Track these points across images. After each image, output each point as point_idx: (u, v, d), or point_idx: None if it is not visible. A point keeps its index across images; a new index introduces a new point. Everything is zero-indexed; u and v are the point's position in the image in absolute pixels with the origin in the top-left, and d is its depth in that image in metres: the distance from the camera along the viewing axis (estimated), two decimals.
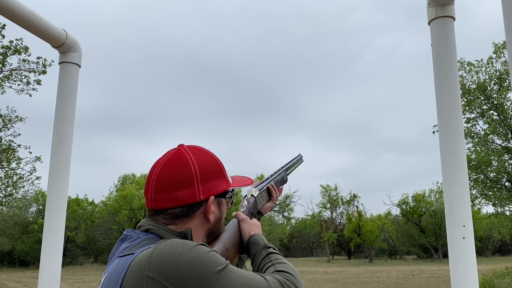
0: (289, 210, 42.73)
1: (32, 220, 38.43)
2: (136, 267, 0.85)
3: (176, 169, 1.01)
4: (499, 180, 17.29)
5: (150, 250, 0.87)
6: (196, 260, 0.84)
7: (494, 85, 15.85)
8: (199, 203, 1.02)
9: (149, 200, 1.03)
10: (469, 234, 1.73)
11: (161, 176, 1.01)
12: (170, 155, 1.05)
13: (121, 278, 0.86)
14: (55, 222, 2.41)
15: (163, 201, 1.00)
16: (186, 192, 1.00)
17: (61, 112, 2.40)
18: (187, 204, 1.01)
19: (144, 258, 0.85)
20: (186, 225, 1.02)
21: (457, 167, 1.79)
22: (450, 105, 1.86)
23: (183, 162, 1.02)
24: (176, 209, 1.00)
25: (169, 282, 0.82)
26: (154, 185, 1.01)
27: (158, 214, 1.02)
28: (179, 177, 1.00)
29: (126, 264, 0.88)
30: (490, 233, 45.35)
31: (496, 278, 16.88)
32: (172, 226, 1.01)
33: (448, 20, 1.92)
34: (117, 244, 1.03)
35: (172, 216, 1.01)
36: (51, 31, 2.19)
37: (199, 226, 1.04)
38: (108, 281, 0.91)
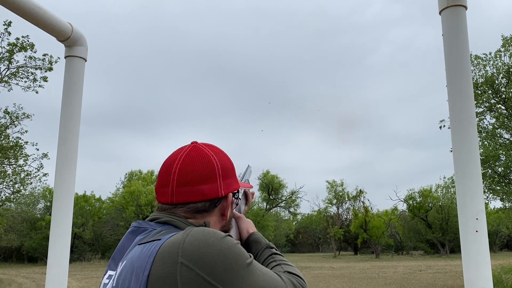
0: (295, 206, 42.75)
1: (40, 216, 38.73)
2: (167, 253, 0.83)
3: (199, 163, 1.01)
4: (507, 174, 17.15)
5: (180, 236, 0.85)
6: (228, 252, 0.84)
7: (502, 78, 15.69)
8: (220, 199, 1.02)
9: (169, 194, 1.00)
10: (482, 227, 1.70)
11: (183, 169, 1.00)
12: (188, 150, 1.03)
13: (149, 263, 0.83)
14: (62, 218, 2.40)
15: (186, 195, 0.99)
16: (210, 186, 0.99)
17: (67, 107, 2.39)
18: (209, 198, 1.00)
19: (176, 244, 0.83)
20: (205, 219, 1.01)
21: (469, 159, 1.76)
22: (462, 96, 1.82)
23: (205, 157, 1.02)
24: (198, 203, 0.99)
25: (203, 271, 0.81)
26: (177, 178, 0.99)
27: (178, 208, 1.00)
28: (203, 171, 1.00)
29: (153, 250, 0.85)
30: (498, 228, 45.09)
31: (505, 273, 16.79)
32: (191, 220, 1.00)
33: (460, 9, 1.88)
34: (127, 237, 1.00)
35: (193, 210, 1.00)
36: (57, 25, 2.17)
37: (216, 222, 1.03)
38: (130, 267, 0.87)
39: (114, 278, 0.93)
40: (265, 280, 0.88)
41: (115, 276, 0.93)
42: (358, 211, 47.02)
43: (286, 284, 0.92)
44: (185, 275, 0.80)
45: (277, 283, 0.91)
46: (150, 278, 0.82)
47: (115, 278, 0.93)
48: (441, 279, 19.12)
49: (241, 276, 0.84)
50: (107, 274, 1.00)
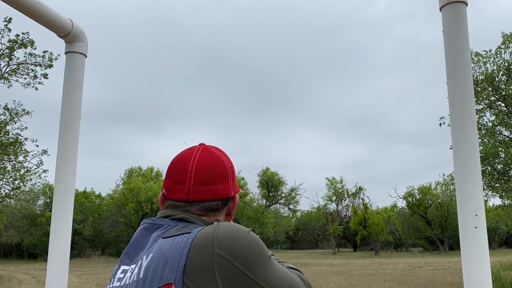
0: (294, 202, 42.82)
1: (39, 213, 38.77)
2: (203, 244, 0.88)
3: (214, 163, 1.06)
4: (506, 172, 17.16)
5: (210, 229, 0.91)
6: (255, 244, 0.91)
7: (503, 76, 15.67)
8: (229, 199, 1.08)
9: (185, 191, 1.04)
10: (481, 224, 1.71)
11: (201, 169, 1.05)
12: (201, 150, 1.09)
13: (185, 254, 0.88)
14: (63, 214, 2.40)
15: (203, 193, 1.04)
16: (223, 186, 1.06)
17: (68, 103, 2.38)
18: (222, 198, 1.06)
19: (210, 236, 0.89)
20: (216, 218, 1.06)
21: (469, 155, 1.76)
22: (462, 93, 1.82)
23: (218, 158, 1.08)
24: (213, 202, 1.05)
25: (237, 261, 0.88)
26: (194, 177, 1.04)
27: (193, 206, 1.04)
28: (217, 172, 1.06)
29: (186, 242, 0.89)
30: (497, 225, 45.18)
31: (503, 270, 16.84)
32: (204, 218, 1.04)
33: (460, 6, 1.88)
34: (141, 233, 1.03)
35: (207, 208, 1.05)
36: (57, 20, 2.17)
37: (222, 221, 1.07)
38: (162, 259, 0.90)
39: (139, 272, 0.94)
40: (282, 271, 0.96)
41: (140, 270, 0.95)
42: (358, 208, 47.08)
43: (295, 275, 0.99)
44: (221, 265, 0.86)
45: (290, 274, 0.98)
46: (187, 267, 0.87)
47: (141, 272, 0.94)
48: (440, 275, 19.17)
49: (267, 266, 0.91)
50: (121, 269, 1.01)
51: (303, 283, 1.00)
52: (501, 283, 14.19)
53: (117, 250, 39.73)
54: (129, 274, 0.97)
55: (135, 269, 0.96)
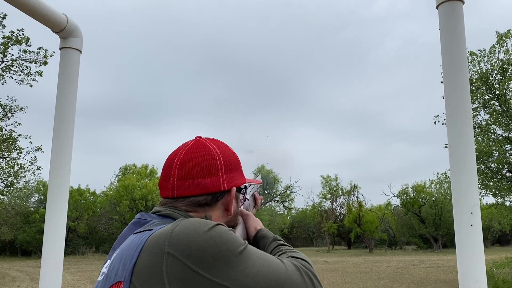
0: (289, 200, 42.88)
1: (33, 210, 38.58)
2: (154, 242, 0.82)
3: (200, 156, 1.00)
4: (500, 170, 17.27)
5: (169, 226, 0.84)
6: (218, 239, 0.82)
7: (496, 75, 15.76)
8: (223, 193, 1.01)
9: (170, 188, 1.00)
10: (476, 221, 1.71)
11: (184, 163, 0.99)
12: (191, 144, 1.02)
13: (137, 252, 0.83)
14: (57, 211, 2.39)
15: (187, 188, 0.98)
16: (211, 180, 0.98)
17: (62, 99, 2.37)
18: (211, 192, 0.99)
19: (164, 234, 0.82)
20: (207, 213, 1.00)
21: (465, 153, 1.77)
22: (459, 91, 1.83)
23: (207, 150, 1.01)
24: (200, 197, 0.98)
25: (191, 261, 0.79)
26: (177, 172, 0.99)
27: (179, 201, 1.00)
28: (204, 164, 0.98)
29: (142, 239, 0.84)
30: (490, 223, 45.49)
31: (496, 268, 16.97)
32: (192, 213, 0.99)
33: (457, 4, 1.88)
34: (129, 227, 1.00)
35: (194, 203, 0.99)
36: (52, 16, 2.15)
37: (219, 217, 1.02)
38: (121, 256, 0.87)
39: (108, 268, 0.93)
40: (262, 264, 0.85)
41: (110, 264, 0.93)
42: (352, 205, 47.24)
43: (286, 266, 0.88)
44: (171, 265, 0.79)
45: (275, 266, 0.87)
46: (136, 266, 0.81)
47: (108, 267, 0.93)
48: (433, 273, 19.28)
49: (233, 263, 0.81)
50: (107, 263, 0.99)
51: (298, 272, 0.88)
52: (494, 280, 14.29)
53: (111, 247, 39.63)
54: (105, 269, 0.96)
55: (109, 262, 0.96)
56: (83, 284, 16.25)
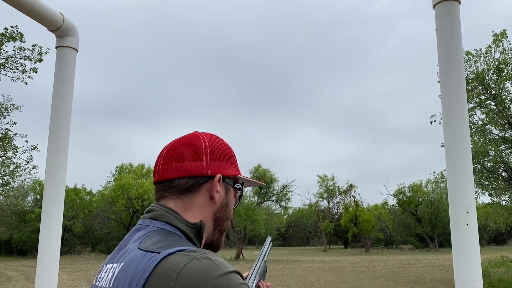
0: (286, 199, 42.84)
1: (29, 209, 38.43)
2: (162, 275, 0.81)
3: (186, 144, 1.03)
4: (496, 170, 17.34)
5: (181, 260, 0.83)
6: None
7: (493, 75, 15.81)
8: (205, 178, 1.01)
9: (156, 173, 1.03)
10: (472, 221, 1.72)
11: (170, 149, 1.03)
12: (184, 135, 1.07)
13: (144, 279, 0.83)
14: (53, 210, 2.38)
15: (169, 171, 1.00)
16: (194, 164, 1.00)
17: (59, 98, 2.36)
18: (193, 175, 1.00)
19: (174, 268, 0.82)
20: (193, 203, 1.00)
21: (461, 153, 1.77)
22: (455, 91, 1.83)
23: (194, 139, 1.04)
24: (182, 179, 1.00)
25: None
26: (163, 157, 1.03)
27: (165, 189, 1.01)
28: (188, 150, 1.02)
29: (150, 265, 0.83)
30: (486, 223, 45.68)
31: (492, 267, 17.05)
32: (184, 212, 0.99)
33: (453, 4, 1.89)
34: (131, 233, 1.00)
35: (179, 190, 1.00)
36: (48, 14, 2.14)
37: (204, 205, 1.02)
38: (126, 275, 0.86)
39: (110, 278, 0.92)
40: None
41: (112, 276, 0.92)
42: (349, 205, 47.34)
43: None
44: None
45: None
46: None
47: (112, 279, 0.91)
48: (430, 272, 19.35)
49: None
50: (106, 267, 0.98)
51: None
52: (489, 280, 14.36)
53: (108, 246, 39.54)
54: (105, 275, 0.95)
55: (109, 271, 0.94)
56: (79, 283, 16.21)
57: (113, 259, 0.97)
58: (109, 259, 1.00)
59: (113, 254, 1.00)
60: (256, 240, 61.51)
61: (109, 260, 0.99)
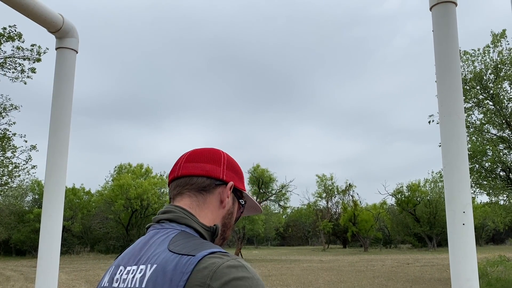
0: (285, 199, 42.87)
1: (28, 209, 38.36)
2: (201, 275, 0.89)
3: (208, 151, 1.15)
4: (493, 169, 17.39)
5: (216, 261, 0.91)
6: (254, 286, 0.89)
7: (490, 74, 15.85)
8: (220, 181, 1.11)
9: (176, 170, 1.12)
10: (469, 221, 1.74)
11: (193, 153, 1.15)
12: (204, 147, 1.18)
13: (184, 280, 0.89)
14: (53, 211, 2.39)
15: (190, 168, 1.10)
16: (212, 166, 1.11)
17: (58, 99, 2.37)
18: (211, 176, 1.10)
19: (210, 268, 0.90)
20: (207, 203, 1.09)
21: (457, 153, 1.79)
22: (451, 91, 1.85)
23: (215, 150, 1.17)
24: (200, 178, 1.09)
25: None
26: (186, 158, 1.13)
27: (183, 186, 1.10)
28: (209, 155, 1.13)
29: (189, 267, 0.90)
30: (484, 222, 45.78)
31: (490, 266, 17.08)
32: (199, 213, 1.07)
33: (449, 6, 1.90)
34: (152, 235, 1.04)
35: (196, 187, 1.09)
36: (48, 16, 2.15)
37: (215, 207, 1.11)
38: (165, 277, 0.92)
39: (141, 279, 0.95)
40: None
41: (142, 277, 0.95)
42: (347, 204, 47.38)
43: None
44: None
45: None
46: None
47: (143, 281, 0.95)
48: (428, 272, 19.39)
49: None
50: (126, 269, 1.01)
51: None
52: (487, 279, 14.40)
53: (106, 246, 39.52)
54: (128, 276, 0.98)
55: (135, 272, 0.97)
56: (78, 283, 16.20)
57: (135, 261, 1.00)
58: (127, 261, 1.03)
59: (131, 255, 1.03)
60: (255, 240, 61.55)
61: (128, 262, 1.02)
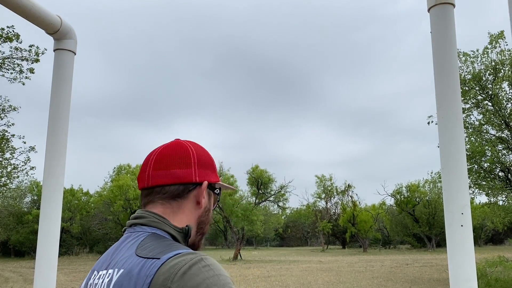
0: (284, 200, 42.90)
1: (26, 210, 38.32)
2: (163, 277, 0.88)
3: (175, 151, 1.08)
4: (492, 170, 17.40)
5: (179, 262, 0.89)
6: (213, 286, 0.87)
7: (489, 75, 15.87)
8: (194, 185, 1.07)
9: (145, 178, 1.07)
10: (467, 222, 1.74)
11: (160, 156, 1.07)
12: (168, 143, 1.11)
13: (147, 283, 0.88)
14: (51, 212, 2.39)
15: (160, 178, 1.05)
16: (184, 171, 1.05)
17: (56, 101, 2.37)
18: (183, 182, 1.05)
19: (172, 270, 0.88)
20: (181, 209, 1.05)
21: (455, 154, 1.79)
22: (450, 93, 1.85)
23: (182, 147, 1.09)
24: (172, 186, 1.05)
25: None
26: (153, 164, 1.06)
27: (155, 194, 1.05)
28: (178, 157, 1.07)
29: (152, 270, 0.89)
30: (483, 222, 45.81)
31: (489, 266, 17.09)
32: (172, 217, 1.04)
33: (448, 7, 1.91)
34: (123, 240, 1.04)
35: (169, 195, 1.05)
36: (46, 17, 2.15)
37: (191, 210, 1.08)
38: (129, 281, 0.91)
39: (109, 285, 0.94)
40: None
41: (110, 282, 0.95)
42: (347, 205, 47.37)
43: None
44: None
45: None
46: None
47: (111, 285, 0.94)
48: (427, 272, 19.39)
49: None
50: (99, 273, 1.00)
51: None
52: (486, 279, 14.40)
53: (106, 247, 39.46)
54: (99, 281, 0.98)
55: (104, 277, 0.97)
56: (77, 284, 16.18)
57: (106, 265, 1.00)
58: (100, 266, 1.02)
59: (104, 260, 1.03)
60: (254, 241, 61.50)
61: (100, 267, 1.02)
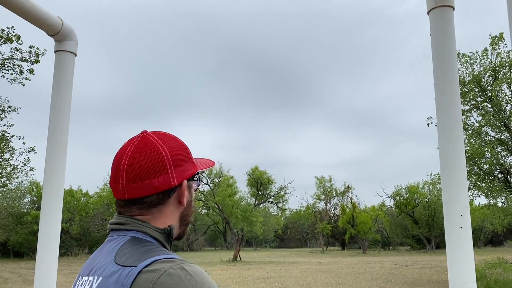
0: (283, 201, 42.90)
1: (26, 211, 38.28)
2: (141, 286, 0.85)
3: (147, 156, 0.99)
4: (492, 171, 17.40)
5: (157, 271, 0.86)
6: None
7: (489, 77, 15.89)
8: (174, 189, 1.01)
9: (120, 190, 1.00)
10: (466, 224, 1.74)
11: (132, 164, 0.98)
12: (136, 142, 1.01)
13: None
14: (52, 214, 2.39)
15: (137, 190, 0.98)
16: (161, 179, 0.98)
17: (57, 102, 2.37)
18: (162, 191, 0.99)
19: (150, 279, 0.85)
20: (162, 213, 1.01)
21: (455, 156, 1.79)
22: (449, 95, 1.86)
23: (153, 148, 1.00)
24: (151, 197, 0.99)
25: None
26: (126, 175, 0.98)
27: (132, 205, 1.00)
28: (152, 164, 0.98)
29: (129, 279, 0.86)
30: (483, 224, 45.81)
31: (488, 268, 17.09)
32: (152, 221, 1.00)
33: (447, 10, 1.91)
34: (104, 245, 1.02)
35: (148, 205, 1.00)
36: (47, 19, 2.16)
37: (173, 211, 1.03)
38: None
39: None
40: None
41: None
42: (346, 206, 47.37)
43: None
44: None
45: None
46: None
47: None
48: (426, 274, 19.39)
49: None
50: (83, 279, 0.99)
51: None
52: (485, 281, 14.40)
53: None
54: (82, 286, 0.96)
55: (85, 284, 0.96)
56: None
57: (88, 271, 0.99)
58: (84, 271, 1.01)
59: (87, 266, 1.01)
60: (253, 242, 61.47)
61: (84, 272, 1.00)
